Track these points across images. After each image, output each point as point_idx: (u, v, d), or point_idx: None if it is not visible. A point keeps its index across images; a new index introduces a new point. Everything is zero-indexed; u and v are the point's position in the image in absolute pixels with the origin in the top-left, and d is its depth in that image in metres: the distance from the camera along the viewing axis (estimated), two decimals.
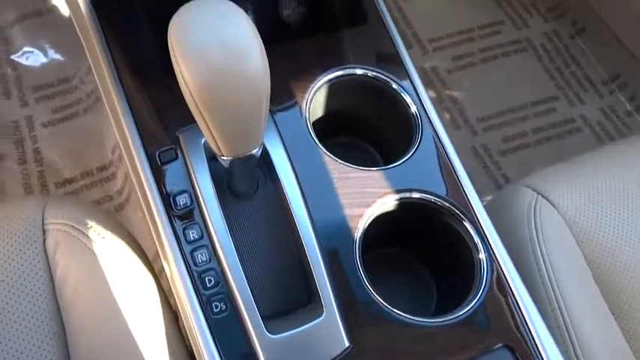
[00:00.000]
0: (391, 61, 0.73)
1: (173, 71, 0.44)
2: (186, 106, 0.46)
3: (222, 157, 0.51)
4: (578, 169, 0.83)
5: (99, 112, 1.26)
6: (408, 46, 1.50)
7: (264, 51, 0.44)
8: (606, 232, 0.75)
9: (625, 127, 1.45)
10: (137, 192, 0.67)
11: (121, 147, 0.71)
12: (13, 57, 1.30)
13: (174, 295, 0.61)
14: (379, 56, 0.75)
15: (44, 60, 1.30)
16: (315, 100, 0.70)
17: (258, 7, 0.82)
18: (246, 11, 0.81)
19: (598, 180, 0.80)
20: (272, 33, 0.83)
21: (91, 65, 0.76)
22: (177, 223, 0.60)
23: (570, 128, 1.44)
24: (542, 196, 0.76)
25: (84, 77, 1.29)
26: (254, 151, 0.52)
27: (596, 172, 0.81)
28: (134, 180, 0.67)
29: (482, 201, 0.67)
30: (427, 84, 1.46)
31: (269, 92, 0.46)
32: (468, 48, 1.53)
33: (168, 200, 0.61)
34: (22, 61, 1.30)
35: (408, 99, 0.70)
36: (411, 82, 0.71)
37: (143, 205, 0.65)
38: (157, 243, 0.63)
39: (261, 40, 0.44)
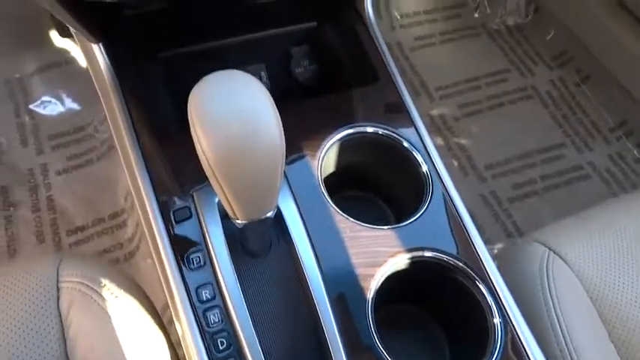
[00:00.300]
0: (401, 119, 0.75)
1: (188, 128, 0.46)
2: (200, 162, 0.46)
3: (237, 221, 0.52)
4: (589, 223, 0.83)
5: (112, 159, 1.29)
6: (416, 94, 1.54)
7: (280, 122, 0.45)
8: (619, 288, 0.74)
9: (634, 174, 1.45)
10: (151, 249, 0.68)
11: (136, 203, 0.72)
12: (31, 106, 1.34)
13: (186, 355, 0.61)
14: (390, 114, 0.76)
15: (61, 109, 1.34)
16: (327, 157, 0.72)
17: (271, 65, 0.86)
18: (260, 71, 0.84)
19: (609, 235, 0.79)
20: (285, 90, 0.86)
21: (108, 119, 0.78)
22: (190, 282, 0.61)
23: (579, 175, 1.44)
24: (554, 252, 0.76)
25: (98, 126, 1.32)
26: (268, 214, 0.52)
27: (606, 227, 0.81)
28: (148, 238, 0.68)
29: (492, 249, 0.66)
30: (435, 131, 1.48)
31: (284, 161, 0.47)
32: (474, 96, 1.55)
33: (181, 259, 0.62)
34: (40, 110, 1.34)
35: (419, 157, 0.71)
36: (422, 141, 0.72)
37: (156, 263, 0.66)
38: (169, 301, 0.63)
39: (277, 111, 0.45)
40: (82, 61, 1.36)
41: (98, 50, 0.72)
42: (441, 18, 1.70)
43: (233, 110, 0.43)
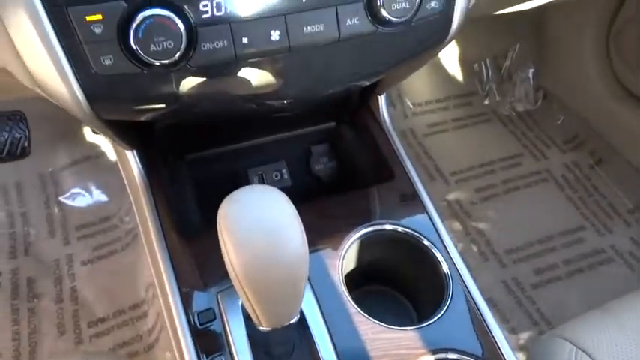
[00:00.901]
0: (420, 215, 0.77)
1: (214, 226, 0.48)
2: (224, 263, 0.48)
3: (261, 327, 0.53)
4: (616, 315, 0.81)
5: (136, 249, 1.32)
6: (431, 179, 1.57)
7: (305, 236, 0.48)
8: None
9: None
10: (174, 348, 0.68)
11: (159, 297, 0.74)
12: (61, 198, 1.40)
13: None
14: (408, 210, 0.78)
15: (89, 201, 1.40)
16: (347, 255, 0.73)
17: (292, 163, 0.90)
18: (281, 169, 0.88)
19: (636, 329, 0.78)
20: (305, 187, 0.90)
21: (136, 216, 0.82)
22: None
23: (601, 259, 1.42)
24: (582, 350, 0.74)
25: (124, 217, 1.37)
26: (291, 321, 0.53)
27: (634, 319, 0.79)
28: (171, 336, 0.69)
29: (517, 339, 0.65)
30: (452, 216, 1.49)
31: (307, 272, 0.49)
32: (489, 180, 1.58)
33: None
34: (69, 202, 1.39)
35: (438, 255, 0.72)
36: (440, 239, 0.74)
37: None
38: None
39: (302, 225, 0.48)
40: (112, 155, 1.44)
41: (131, 155, 0.77)
42: (452, 106, 1.77)
43: (260, 226, 0.46)
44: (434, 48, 0.65)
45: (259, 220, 0.46)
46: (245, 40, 0.53)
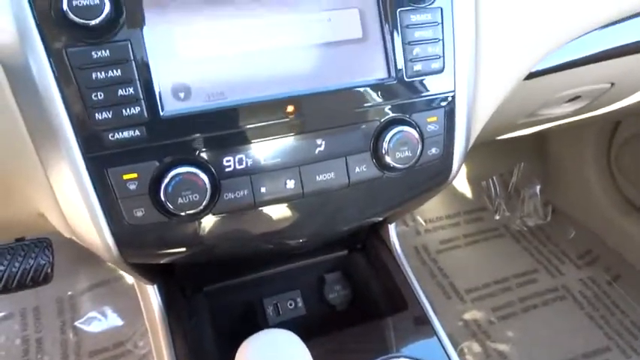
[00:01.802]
0: (434, 346, 0.77)
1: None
2: None
3: None
4: None
5: None
6: (446, 298, 1.55)
7: None
8: None
9: None
10: None
11: None
12: (76, 323, 1.40)
13: None
14: (421, 341, 0.78)
15: (105, 325, 1.40)
16: None
17: (306, 291, 0.92)
18: (295, 297, 0.90)
19: None
20: (319, 315, 0.91)
21: (153, 351, 0.82)
22: None
23: None
24: None
25: (138, 341, 1.36)
26: None
27: None
28: None
29: None
30: (470, 336, 1.45)
31: None
32: (506, 298, 1.56)
33: None
34: (85, 327, 1.40)
35: None
36: None
37: None
38: None
39: None
40: (129, 278, 1.47)
41: (152, 290, 0.80)
42: (463, 221, 1.81)
43: None
44: (437, 187, 0.69)
45: None
46: (263, 190, 0.58)
